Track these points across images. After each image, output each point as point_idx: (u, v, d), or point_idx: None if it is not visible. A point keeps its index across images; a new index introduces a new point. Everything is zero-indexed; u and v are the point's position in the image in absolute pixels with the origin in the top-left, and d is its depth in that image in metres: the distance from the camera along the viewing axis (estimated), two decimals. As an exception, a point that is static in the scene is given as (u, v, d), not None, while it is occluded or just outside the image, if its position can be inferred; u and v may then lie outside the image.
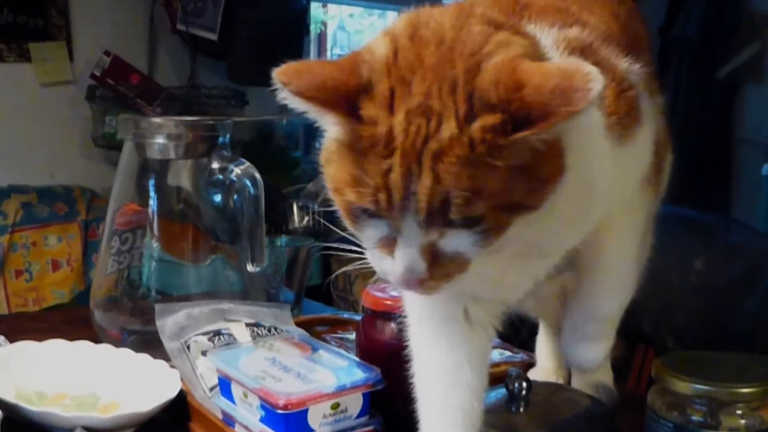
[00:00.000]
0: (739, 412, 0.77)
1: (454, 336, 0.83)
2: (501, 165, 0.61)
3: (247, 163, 1.28)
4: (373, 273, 0.79)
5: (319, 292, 2.79)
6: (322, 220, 2.82)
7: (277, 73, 0.65)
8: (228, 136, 1.32)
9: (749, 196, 3.86)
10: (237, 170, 1.27)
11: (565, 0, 0.82)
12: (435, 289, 0.67)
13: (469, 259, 0.65)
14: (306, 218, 2.81)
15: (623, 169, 0.78)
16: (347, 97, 0.63)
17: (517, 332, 1.28)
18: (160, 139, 1.28)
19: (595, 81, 0.59)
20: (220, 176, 1.29)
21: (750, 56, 3.79)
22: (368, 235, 0.67)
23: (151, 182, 1.31)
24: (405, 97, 0.62)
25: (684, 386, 0.78)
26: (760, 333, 1.39)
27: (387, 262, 0.66)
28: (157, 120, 1.32)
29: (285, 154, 3.33)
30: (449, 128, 0.60)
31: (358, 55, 0.66)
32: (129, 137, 1.32)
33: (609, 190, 0.76)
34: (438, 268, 0.65)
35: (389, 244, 0.66)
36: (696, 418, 0.78)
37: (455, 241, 0.64)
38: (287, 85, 0.64)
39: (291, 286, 1.57)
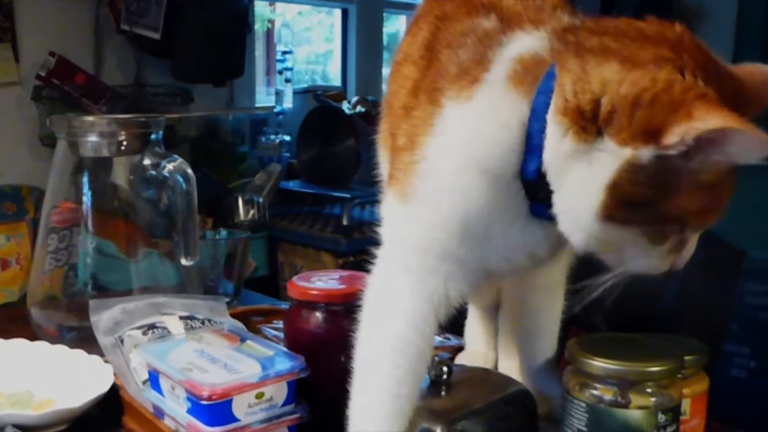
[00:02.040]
0: (648, 390, 0.77)
1: (429, 323, 0.82)
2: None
3: (180, 159, 1.26)
4: (319, 263, 0.80)
5: (266, 282, 2.78)
6: (266, 213, 2.81)
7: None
8: (161, 132, 1.30)
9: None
10: (169, 166, 1.25)
11: None
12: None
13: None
14: (252, 211, 2.80)
15: None
16: None
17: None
18: (93, 137, 1.27)
19: None
20: (153, 172, 1.27)
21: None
22: (669, 243, 0.73)
23: (86, 180, 1.29)
24: None
25: (595, 366, 0.78)
26: (683, 313, 1.41)
27: (671, 257, 0.75)
28: (90, 118, 1.30)
29: (231, 149, 3.30)
30: None
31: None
32: (62, 136, 1.29)
33: None
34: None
35: (679, 245, 0.74)
36: (608, 397, 0.77)
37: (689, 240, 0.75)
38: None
39: (230, 278, 1.56)
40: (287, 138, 3.49)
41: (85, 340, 1.16)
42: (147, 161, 1.27)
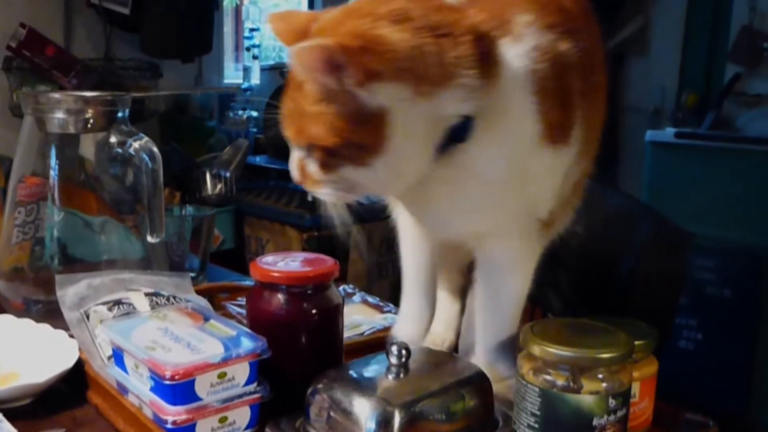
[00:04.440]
0: (600, 376, 0.77)
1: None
2: (323, 111, 0.80)
3: (146, 138, 1.24)
4: (285, 237, 0.87)
5: (232, 255, 2.76)
6: (233, 188, 2.79)
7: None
8: (127, 110, 1.28)
9: (635, 161, 3.93)
10: (135, 144, 1.23)
11: None
12: (313, 189, 0.87)
13: (318, 179, 0.85)
14: (219, 186, 2.77)
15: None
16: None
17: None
18: (59, 114, 1.24)
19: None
20: (119, 150, 1.24)
21: (634, 30, 3.84)
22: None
23: (53, 154, 1.26)
24: None
25: (548, 352, 0.77)
26: (633, 294, 1.41)
27: None
28: (56, 95, 1.27)
29: (200, 124, 3.26)
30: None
31: None
32: (29, 111, 1.26)
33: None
34: (304, 177, 0.87)
35: None
36: (560, 382, 0.77)
37: (309, 163, 0.85)
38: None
39: (197, 253, 1.54)
40: (254, 114, 3.46)
41: (51, 314, 1.14)
42: (113, 139, 1.24)
